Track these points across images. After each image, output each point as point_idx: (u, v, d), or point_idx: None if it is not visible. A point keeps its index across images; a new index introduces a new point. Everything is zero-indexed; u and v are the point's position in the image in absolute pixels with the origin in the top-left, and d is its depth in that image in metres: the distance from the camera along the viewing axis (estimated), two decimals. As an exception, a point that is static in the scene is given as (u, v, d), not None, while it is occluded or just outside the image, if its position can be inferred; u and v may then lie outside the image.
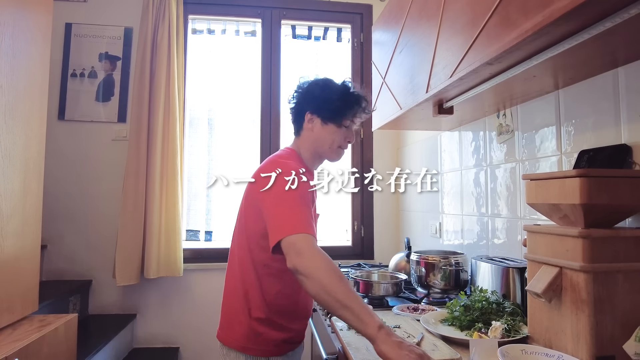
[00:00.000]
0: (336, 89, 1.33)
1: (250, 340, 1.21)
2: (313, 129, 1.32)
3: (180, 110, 2.54)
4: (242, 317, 1.22)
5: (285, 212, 1.09)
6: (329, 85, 1.35)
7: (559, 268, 0.98)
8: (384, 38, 1.94)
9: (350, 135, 1.35)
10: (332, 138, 1.32)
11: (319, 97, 1.31)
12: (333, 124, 1.31)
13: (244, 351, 1.21)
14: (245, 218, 1.25)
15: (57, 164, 2.52)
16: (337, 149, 1.35)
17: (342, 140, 1.34)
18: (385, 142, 2.87)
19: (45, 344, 1.51)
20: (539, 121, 1.41)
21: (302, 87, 1.37)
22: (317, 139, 1.32)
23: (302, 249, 1.01)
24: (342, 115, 1.31)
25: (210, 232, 2.68)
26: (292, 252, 1.02)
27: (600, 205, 0.92)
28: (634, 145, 1.05)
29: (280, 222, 1.07)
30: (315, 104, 1.31)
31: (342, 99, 1.31)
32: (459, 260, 1.56)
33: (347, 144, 1.36)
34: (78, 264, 2.51)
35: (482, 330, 1.13)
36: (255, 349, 1.22)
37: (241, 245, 1.25)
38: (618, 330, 0.90)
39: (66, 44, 2.59)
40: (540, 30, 0.83)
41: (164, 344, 2.54)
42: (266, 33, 2.79)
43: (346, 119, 1.31)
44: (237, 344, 1.22)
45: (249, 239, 1.23)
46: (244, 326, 1.22)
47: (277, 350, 1.24)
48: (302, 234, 1.04)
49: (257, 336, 1.21)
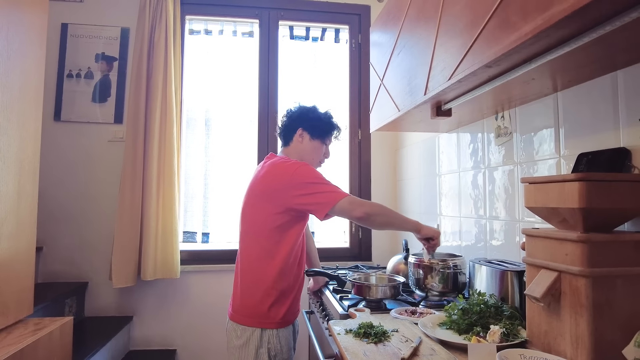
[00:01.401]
0: (323, 115, 1.70)
1: (264, 317, 1.47)
2: (302, 142, 1.66)
3: (177, 111, 2.52)
4: (256, 298, 1.48)
5: (324, 189, 1.44)
6: (317, 110, 1.71)
7: (557, 272, 0.97)
8: (382, 39, 1.93)
9: (327, 152, 1.73)
10: (316, 151, 1.67)
11: (311, 118, 1.66)
12: (319, 140, 1.67)
13: (260, 326, 1.47)
14: (253, 215, 1.52)
15: (53, 165, 2.51)
16: (317, 162, 1.69)
17: (322, 155, 1.71)
18: (383, 144, 2.87)
19: (40, 348, 1.49)
20: (538, 124, 1.41)
21: (293, 109, 1.71)
22: (304, 150, 1.65)
23: (355, 204, 1.43)
24: (326, 135, 1.68)
25: (208, 234, 2.66)
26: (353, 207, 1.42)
27: (599, 210, 0.92)
28: (633, 149, 1.04)
29: (323, 197, 1.42)
30: (307, 123, 1.66)
31: (327, 123, 1.69)
32: (457, 263, 1.55)
33: (324, 158, 1.73)
34: (74, 265, 2.49)
35: (481, 334, 1.12)
36: (269, 323, 1.47)
37: (250, 238, 1.52)
38: (617, 335, 0.89)
39: (62, 44, 2.57)
40: (540, 33, 0.82)
41: (161, 346, 2.52)
42: (264, 34, 2.78)
43: (328, 138, 1.70)
44: (252, 321, 1.47)
45: (258, 232, 1.50)
46: (258, 305, 1.47)
47: (284, 322, 1.50)
48: (345, 197, 1.43)
49: (269, 312, 1.47)
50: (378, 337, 1.10)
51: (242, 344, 1.47)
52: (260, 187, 1.50)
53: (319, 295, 1.90)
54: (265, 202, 1.48)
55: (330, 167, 2.82)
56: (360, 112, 2.83)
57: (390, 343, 1.08)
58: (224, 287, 2.55)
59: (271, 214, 1.47)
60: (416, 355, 0.99)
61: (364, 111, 2.79)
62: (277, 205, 1.46)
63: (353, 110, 2.84)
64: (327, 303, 1.72)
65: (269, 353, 1.46)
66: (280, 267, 1.48)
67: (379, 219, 1.47)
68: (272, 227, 1.48)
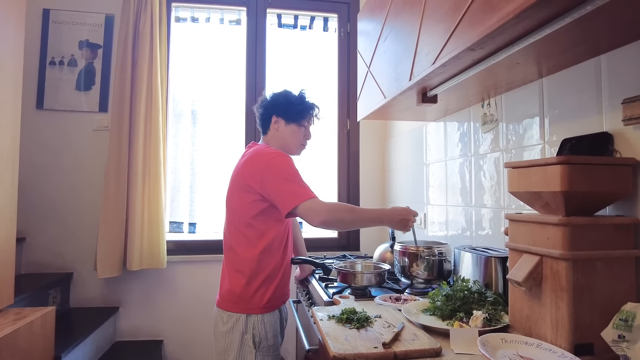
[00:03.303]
0: (295, 97, 1.66)
1: (248, 302, 1.47)
2: (278, 129, 1.64)
3: (163, 100, 2.49)
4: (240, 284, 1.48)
5: (292, 186, 1.42)
6: (289, 94, 1.67)
7: (539, 256, 0.97)
8: (369, 27, 1.91)
9: (307, 134, 1.68)
10: (295, 135, 1.64)
11: (283, 103, 1.64)
12: (294, 124, 1.63)
13: (245, 312, 1.46)
14: (234, 203, 1.52)
15: (37, 154, 2.46)
16: (299, 145, 1.66)
17: (301, 138, 1.66)
18: (372, 134, 2.85)
19: (20, 338, 1.47)
20: (523, 110, 1.40)
21: (266, 98, 1.69)
22: (282, 136, 1.63)
23: (316, 210, 1.37)
24: (301, 117, 1.64)
25: (194, 224, 2.64)
26: (311, 214, 1.37)
27: (581, 193, 0.91)
28: (614, 133, 1.04)
29: (289, 195, 1.40)
30: (280, 108, 1.63)
31: (301, 104, 1.64)
32: (442, 250, 1.55)
33: (305, 140, 1.69)
34: (58, 256, 2.46)
35: (464, 320, 1.12)
36: (253, 308, 1.47)
37: (234, 226, 1.52)
38: (596, 317, 0.90)
39: (44, 30, 2.51)
40: (522, 12, 0.81)
41: (147, 336, 2.50)
42: (251, 22, 2.74)
43: (304, 120, 1.65)
44: (237, 307, 1.47)
45: (240, 220, 1.50)
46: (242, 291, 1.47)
47: (269, 307, 1.50)
48: (308, 200, 1.39)
49: (253, 297, 1.47)
50: (360, 323, 1.10)
51: (228, 330, 1.47)
52: (240, 175, 1.51)
53: (305, 284, 1.90)
54: (244, 190, 1.49)
55: (319, 157, 2.81)
56: (349, 101, 2.81)
57: (373, 328, 1.08)
58: (211, 278, 2.53)
59: (250, 201, 1.48)
60: (398, 340, 0.99)
61: (353, 101, 2.78)
62: (254, 192, 1.47)
63: (342, 99, 2.82)
64: (313, 291, 1.71)
65: (253, 339, 1.45)
66: (263, 253, 1.48)
67: (338, 225, 1.50)
68: (253, 214, 1.48)
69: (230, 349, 1.46)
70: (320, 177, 2.82)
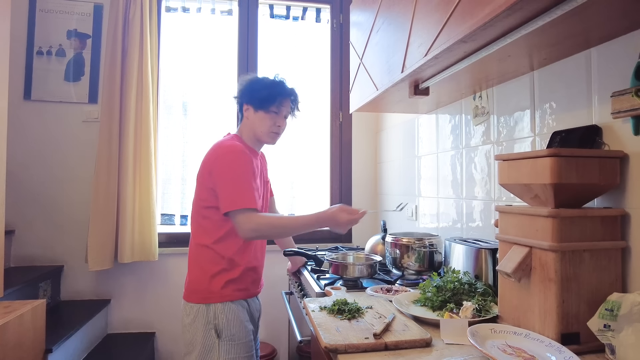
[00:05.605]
0: (263, 82, 1.58)
1: (207, 291, 1.45)
2: (248, 117, 1.58)
3: (153, 90, 2.46)
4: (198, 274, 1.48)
5: (233, 188, 1.40)
6: (258, 80, 1.60)
7: (528, 248, 0.98)
8: (362, 18, 1.90)
9: (279, 121, 1.58)
10: (263, 123, 1.55)
11: (251, 90, 1.57)
12: (262, 110, 1.54)
13: (205, 301, 1.44)
14: (195, 194, 1.53)
15: (25, 146, 2.43)
16: (270, 133, 1.57)
17: (272, 125, 1.56)
18: (364, 126, 2.85)
19: (10, 331, 1.46)
20: (514, 103, 1.41)
21: (241, 85, 1.63)
22: (252, 124, 1.57)
23: (241, 224, 1.37)
24: (268, 104, 1.54)
25: (186, 216, 2.63)
26: (238, 227, 1.38)
27: (570, 185, 0.92)
28: (603, 126, 1.05)
29: (228, 197, 1.40)
30: (248, 95, 1.57)
31: (267, 89, 1.55)
32: (433, 242, 1.56)
33: (277, 128, 1.58)
34: (49, 249, 2.44)
35: (454, 311, 1.14)
36: (213, 297, 1.45)
37: (194, 217, 1.53)
38: (583, 307, 0.91)
39: (31, 19, 2.46)
40: (514, 5, 0.81)
41: (139, 329, 2.50)
42: (243, 12, 2.71)
43: (273, 106, 1.54)
44: (197, 297, 1.46)
45: (197, 210, 1.51)
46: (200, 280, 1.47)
47: (230, 295, 1.46)
48: (243, 209, 1.38)
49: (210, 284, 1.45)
50: (352, 314, 1.11)
51: (191, 321, 1.45)
52: (200, 166, 1.51)
53: (297, 275, 1.90)
54: (199, 181, 1.50)
55: (311, 150, 2.81)
56: (341, 93, 2.80)
57: (364, 319, 1.08)
58: (204, 270, 2.52)
59: (205, 192, 1.47)
60: (388, 330, 1.00)
61: (345, 93, 2.77)
62: (207, 184, 1.46)
63: (334, 91, 2.81)
64: (305, 283, 1.72)
65: (215, 328, 1.42)
66: (217, 243, 1.47)
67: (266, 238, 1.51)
68: (207, 205, 1.47)
69: (195, 341, 1.43)
70: (313, 170, 2.82)
